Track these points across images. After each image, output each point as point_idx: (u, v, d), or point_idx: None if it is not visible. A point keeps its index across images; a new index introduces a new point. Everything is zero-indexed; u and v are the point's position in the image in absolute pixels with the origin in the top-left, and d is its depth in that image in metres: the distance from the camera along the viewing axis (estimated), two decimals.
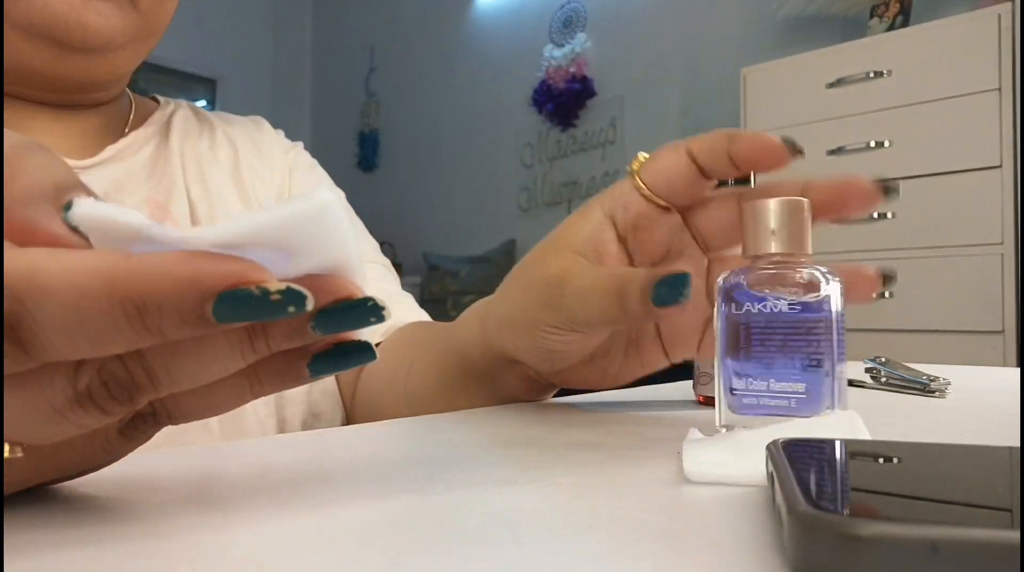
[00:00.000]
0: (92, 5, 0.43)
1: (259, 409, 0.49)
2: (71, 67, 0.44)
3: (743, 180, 0.36)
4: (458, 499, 0.21)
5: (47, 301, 0.15)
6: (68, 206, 0.17)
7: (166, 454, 0.29)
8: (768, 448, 0.21)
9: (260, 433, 0.48)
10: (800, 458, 0.20)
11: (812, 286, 0.30)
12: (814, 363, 0.29)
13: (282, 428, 0.50)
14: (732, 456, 0.24)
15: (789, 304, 0.30)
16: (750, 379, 0.30)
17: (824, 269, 0.30)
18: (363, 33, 3.98)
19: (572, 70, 3.08)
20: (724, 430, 0.31)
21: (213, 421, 0.46)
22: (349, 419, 0.54)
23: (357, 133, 3.97)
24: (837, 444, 0.22)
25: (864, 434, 0.26)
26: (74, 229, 0.17)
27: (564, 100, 3.10)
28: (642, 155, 0.35)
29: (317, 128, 4.12)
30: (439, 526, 0.19)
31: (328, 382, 0.53)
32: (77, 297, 0.15)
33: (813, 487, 0.17)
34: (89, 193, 0.18)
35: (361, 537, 0.18)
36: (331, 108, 4.12)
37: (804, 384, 0.29)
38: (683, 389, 0.51)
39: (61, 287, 0.15)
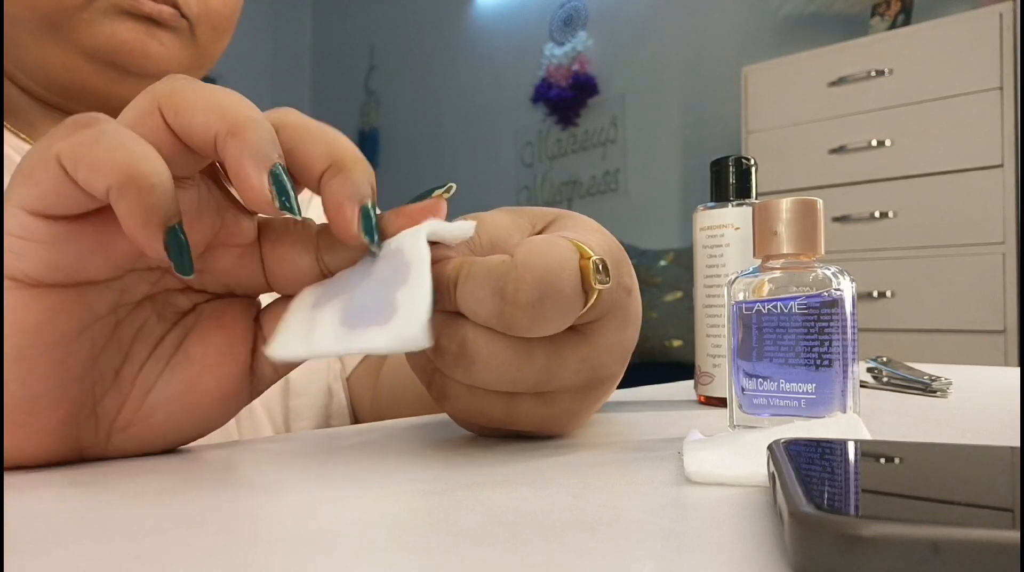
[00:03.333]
0: (156, 35, 0.44)
1: (269, 428, 0.49)
2: (127, 90, 0.46)
3: None
4: (458, 499, 0.21)
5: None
6: None
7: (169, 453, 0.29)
8: (769, 448, 0.21)
9: None
10: (801, 458, 0.20)
11: (823, 286, 0.30)
12: (825, 363, 0.29)
13: None
14: (733, 456, 0.24)
15: (799, 304, 0.30)
16: (760, 379, 0.30)
17: (835, 269, 0.30)
18: (363, 31, 3.98)
19: (573, 68, 3.08)
20: (731, 430, 0.31)
21: (233, 428, 0.46)
22: (366, 421, 0.54)
23: (357, 132, 3.97)
24: (838, 444, 0.22)
25: (864, 435, 0.26)
26: None
27: (565, 99, 3.10)
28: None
29: None
30: (439, 526, 0.19)
31: (341, 403, 0.53)
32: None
33: (814, 487, 0.17)
34: None
35: (361, 537, 0.18)
36: (331, 107, 4.12)
37: (814, 384, 0.29)
38: (683, 389, 0.51)
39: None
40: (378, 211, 0.25)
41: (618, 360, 0.28)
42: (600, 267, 0.25)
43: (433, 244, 0.26)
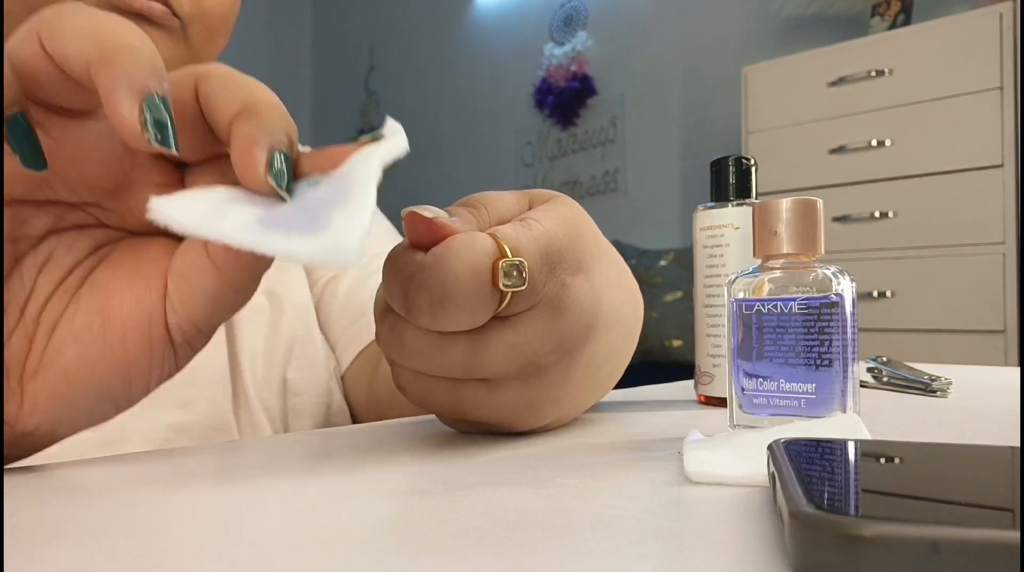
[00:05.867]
0: (146, 32, 0.43)
1: (269, 428, 0.49)
2: None
3: None
4: (458, 499, 0.21)
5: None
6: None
7: (167, 452, 0.29)
8: (769, 448, 0.21)
9: None
10: (801, 458, 0.20)
11: (823, 286, 0.30)
12: (825, 363, 0.29)
13: None
14: (733, 456, 0.24)
15: (799, 304, 0.30)
16: (760, 379, 0.30)
17: (835, 268, 0.30)
18: (363, 31, 3.98)
19: (573, 68, 3.08)
20: (731, 430, 0.31)
21: (234, 429, 0.46)
22: (363, 422, 0.54)
23: (357, 132, 3.97)
24: (838, 444, 0.22)
25: (864, 435, 0.26)
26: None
27: (565, 99, 3.10)
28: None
29: (317, 126, 4.11)
30: (439, 526, 0.19)
31: (341, 402, 0.53)
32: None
33: (814, 487, 0.17)
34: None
35: (361, 537, 0.18)
36: (331, 107, 4.12)
37: (814, 384, 0.29)
38: (683, 389, 0.51)
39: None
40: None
41: (553, 349, 0.28)
42: (512, 271, 0.25)
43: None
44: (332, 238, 0.21)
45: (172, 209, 0.22)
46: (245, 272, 0.24)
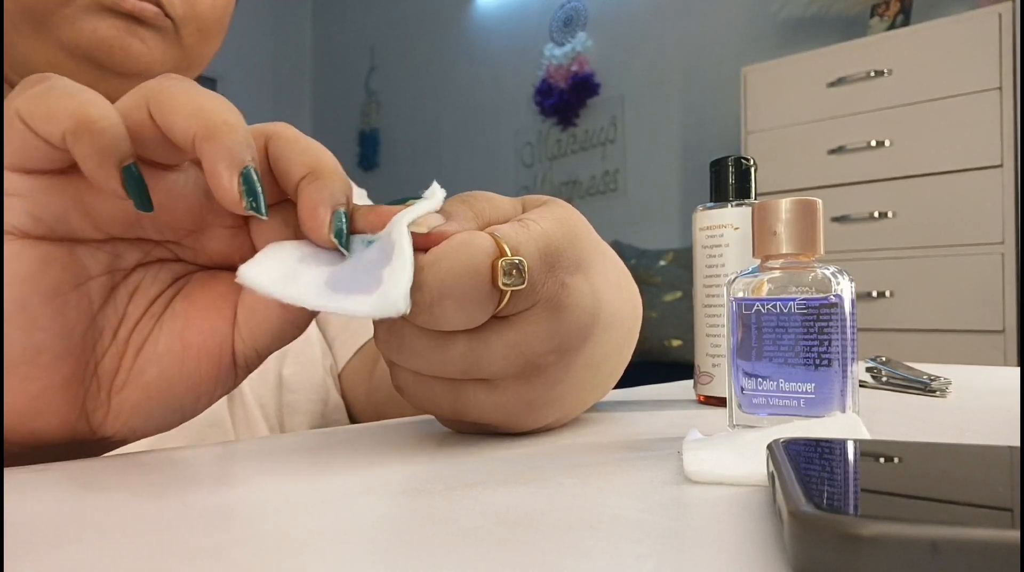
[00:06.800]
0: (137, 33, 0.44)
1: (264, 425, 0.49)
2: (109, 89, 0.45)
3: None
4: (458, 499, 0.21)
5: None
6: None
7: (160, 451, 0.29)
8: (769, 448, 0.21)
9: None
10: (800, 458, 0.20)
11: (823, 286, 0.30)
12: (824, 363, 0.29)
13: None
14: (733, 456, 0.24)
15: (799, 304, 0.30)
16: (760, 379, 0.30)
17: (834, 268, 0.30)
18: (363, 32, 3.98)
19: (573, 69, 3.08)
20: (730, 430, 0.31)
21: (228, 425, 0.46)
22: (361, 420, 0.54)
23: (357, 132, 3.97)
24: (837, 444, 0.22)
25: (864, 435, 0.26)
26: None
27: (565, 99, 3.10)
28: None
29: (317, 127, 4.11)
30: (439, 526, 0.19)
31: (337, 399, 0.53)
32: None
33: (814, 487, 0.17)
34: None
35: (361, 537, 0.18)
36: (331, 107, 4.12)
37: (813, 384, 0.29)
38: (683, 389, 0.51)
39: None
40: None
41: (553, 349, 0.28)
42: (512, 270, 0.26)
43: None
44: (383, 295, 0.24)
45: (253, 274, 0.25)
46: (304, 310, 0.27)
